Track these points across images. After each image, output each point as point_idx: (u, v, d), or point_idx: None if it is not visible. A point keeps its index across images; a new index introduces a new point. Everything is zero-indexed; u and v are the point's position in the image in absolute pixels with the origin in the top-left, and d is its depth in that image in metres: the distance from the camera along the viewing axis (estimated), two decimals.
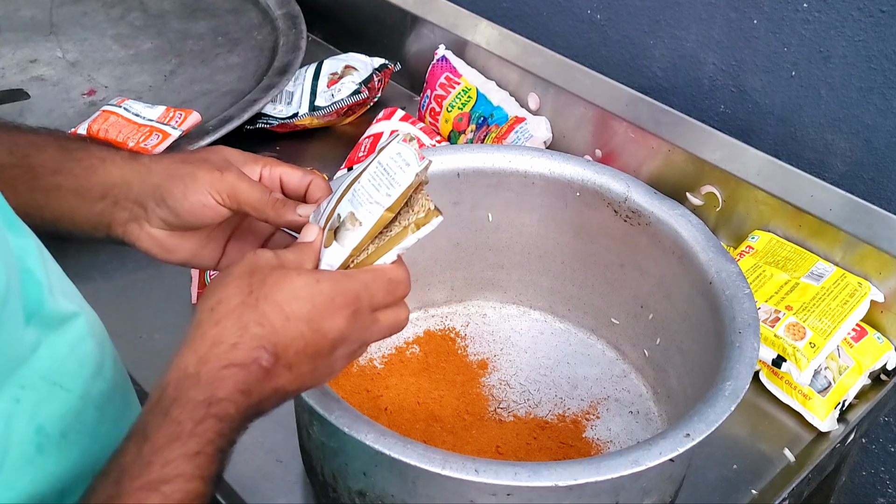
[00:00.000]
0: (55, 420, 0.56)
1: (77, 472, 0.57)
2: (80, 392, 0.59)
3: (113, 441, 0.61)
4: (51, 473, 0.55)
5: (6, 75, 1.31)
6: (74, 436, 0.58)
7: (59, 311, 0.60)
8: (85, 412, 0.59)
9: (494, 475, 0.59)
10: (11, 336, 0.53)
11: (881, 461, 1.12)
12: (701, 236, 0.81)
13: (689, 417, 0.63)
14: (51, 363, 0.57)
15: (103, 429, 0.61)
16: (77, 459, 0.57)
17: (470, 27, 1.25)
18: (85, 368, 0.61)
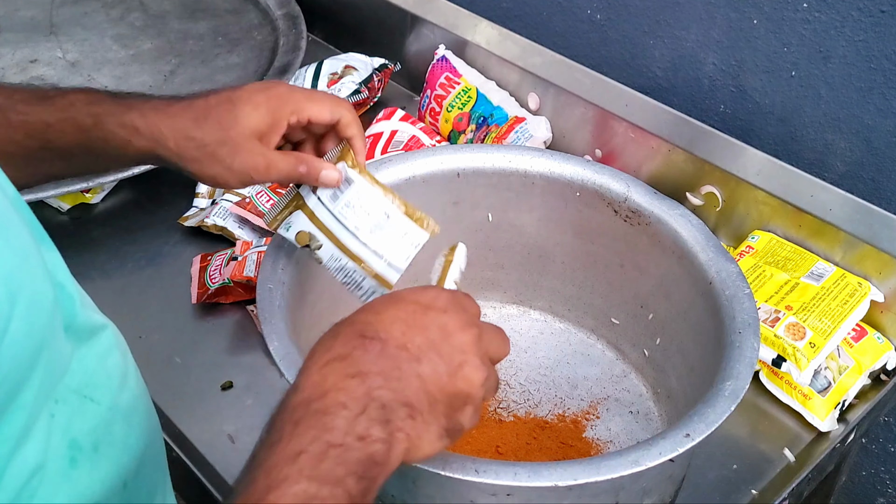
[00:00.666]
0: (87, 433, 0.56)
1: (109, 485, 0.57)
2: (108, 404, 0.59)
3: (141, 451, 0.61)
4: (85, 486, 0.55)
5: (6, 75, 1.31)
6: (105, 448, 0.58)
7: (89, 323, 0.61)
8: (114, 423, 0.59)
9: (494, 475, 0.59)
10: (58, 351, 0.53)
11: (881, 461, 1.12)
12: (701, 236, 0.81)
13: (689, 417, 0.63)
14: (81, 376, 0.57)
15: (131, 440, 0.62)
16: (108, 472, 0.57)
17: (470, 27, 1.25)
18: (112, 380, 0.61)
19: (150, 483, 0.65)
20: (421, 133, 1.17)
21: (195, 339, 0.96)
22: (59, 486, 0.52)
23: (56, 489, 0.52)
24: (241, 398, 0.90)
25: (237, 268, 0.97)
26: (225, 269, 0.99)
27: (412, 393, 0.53)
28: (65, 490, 0.53)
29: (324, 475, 0.48)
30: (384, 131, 1.17)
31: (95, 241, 1.09)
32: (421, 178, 0.89)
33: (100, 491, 0.56)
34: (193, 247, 1.08)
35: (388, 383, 0.52)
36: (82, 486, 0.55)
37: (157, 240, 1.10)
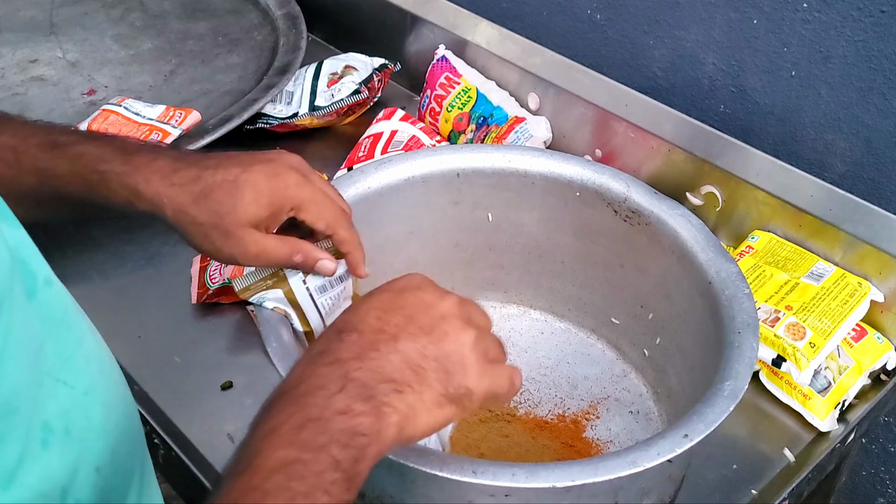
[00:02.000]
0: (59, 416, 0.56)
1: (81, 469, 0.57)
2: (83, 388, 0.59)
3: (116, 438, 0.62)
4: (56, 469, 0.55)
5: (6, 75, 1.31)
6: (78, 432, 0.58)
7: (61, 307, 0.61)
8: (88, 408, 0.60)
9: (492, 476, 0.59)
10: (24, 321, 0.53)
11: (881, 461, 1.12)
12: (701, 236, 0.81)
13: (688, 418, 0.63)
14: (55, 360, 0.57)
15: (107, 426, 0.62)
16: (80, 456, 0.58)
17: (470, 27, 1.25)
18: (90, 365, 0.61)
19: (126, 470, 0.65)
20: (421, 133, 1.17)
21: (195, 338, 0.96)
22: (31, 467, 0.52)
23: (28, 470, 0.52)
24: (241, 398, 0.90)
25: (237, 268, 0.97)
26: (225, 269, 0.99)
27: (393, 369, 0.54)
28: (36, 471, 0.53)
29: (304, 442, 0.50)
30: (384, 131, 1.17)
31: (95, 241, 1.09)
32: (421, 177, 0.89)
33: (71, 474, 0.57)
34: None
35: (365, 364, 0.53)
36: (53, 468, 0.55)
37: (156, 240, 1.09)
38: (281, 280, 0.75)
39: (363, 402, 0.52)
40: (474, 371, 0.57)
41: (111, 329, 0.95)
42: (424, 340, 0.56)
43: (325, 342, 0.56)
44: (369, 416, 0.52)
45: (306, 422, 0.50)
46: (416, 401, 0.54)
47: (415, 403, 0.54)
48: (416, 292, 0.58)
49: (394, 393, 0.53)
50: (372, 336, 0.55)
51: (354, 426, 0.51)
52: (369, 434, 0.51)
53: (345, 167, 1.16)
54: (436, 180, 0.89)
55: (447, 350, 0.56)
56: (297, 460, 0.49)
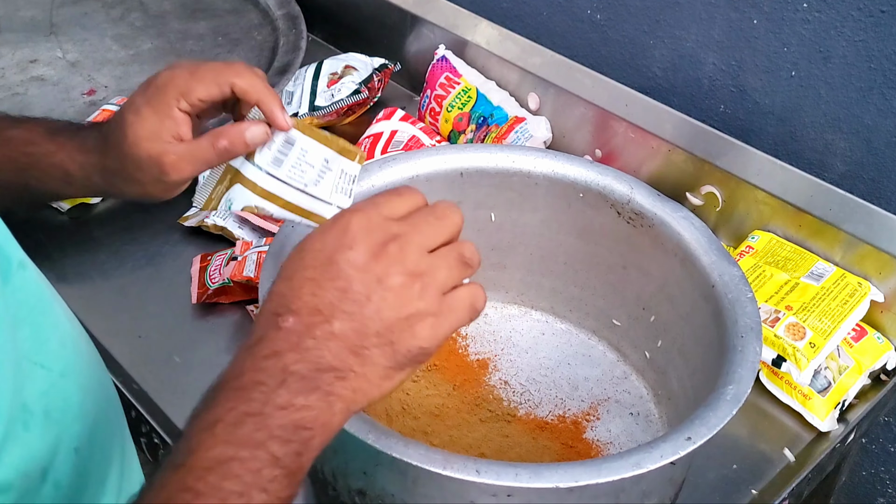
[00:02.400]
0: (37, 398, 0.57)
1: (60, 450, 0.58)
2: (60, 371, 0.60)
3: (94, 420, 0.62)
4: (37, 449, 0.56)
5: (6, 75, 1.31)
6: (56, 414, 0.58)
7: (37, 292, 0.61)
8: (66, 390, 0.60)
9: (495, 476, 0.59)
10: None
11: (881, 461, 1.12)
12: (704, 239, 0.81)
13: (691, 420, 0.63)
14: (32, 343, 0.58)
15: (84, 408, 0.62)
16: (59, 437, 0.58)
17: (470, 27, 1.25)
18: (65, 348, 0.62)
19: (105, 451, 0.65)
20: (421, 133, 1.17)
21: (195, 338, 0.96)
22: (12, 448, 0.53)
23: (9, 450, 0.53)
24: None
25: (237, 268, 0.97)
26: (225, 269, 0.99)
27: (333, 356, 0.52)
28: (17, 451, 0.54)
29: (241, 439, 0.48)
30: (384, 131, 1.17)
31: (95, 241, 1.09)
32: (424, 177, 0.89)
33: (50, 454, 0.57)
34: (193, 247, 1.08)
35: (303, 355, 0.51)
36: (34, 448, 0.55)
37: (157, 240, 1.09)
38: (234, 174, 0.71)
39: (305, 396, 0.50)
40: (425, 328, 0.53)
41: (111, 329, 0.96)
42: (361, 316, 0.52)
43: (263, 327, 0.53)
44: (313, 409, 0.50)
45: (244, 417, 0.49)
46: (361, 383, 0.52)
47: (360, 385, 0.52)
48: (347, 254, 0.53)
49: (337, 381, 0.51)
50: (308, 319, 0.52)
51: (297, 420, 0.49)
52: (314, 427, 0.50)
53: None
54: (439, 180, 0.89)
55: (388, 320, 0.52)
56: (232, 458, 0.48)
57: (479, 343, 0.95)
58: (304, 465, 0.50)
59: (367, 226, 0.54)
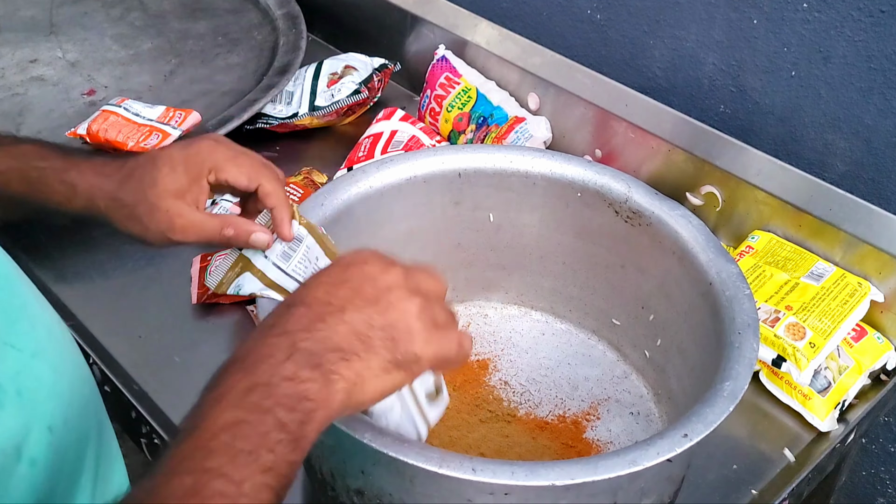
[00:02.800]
0: (10, 378, 0.59)
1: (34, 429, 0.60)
2: (31, 351, 0.62)
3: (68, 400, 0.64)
4: (9, 427, 0.58)
5: (6, 75, 1.31)
6: (29, 393, 0.60)
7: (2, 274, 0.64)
8: (38, 370, 0.62)
9: (492, 474, 0.59)
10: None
11: (881, 461, 1.12)
12: (701, 237, 0.81)
13: (688, 418, 0.63)
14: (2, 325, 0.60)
15: (58, 388, 0.64)
16: (33, 416, 0.60)
17: (470, 27, 1.25)
18: (36, 329, 0.64)
19: (80, 431, 0.67)
20: (421, 133, 1.17)
21: (195, 338, 0.96)
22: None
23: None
24: None
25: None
26: None
27: (340, 338, 0.55)
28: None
29: (250, 405, 0.51)
30: (384, 131, 1.17)
31: (95, 240, 1.09)
32: (422, 178, 0.89)
33: (24, 433, 0.59)
34: (193, 247, 1.08)
35: (312, 335, 0.55)
36: (8, 427, 0.58)
37: None
38: (245, 263, 0.76)
39: (310, 370, 0.53)
40: (421, 337, 0.58)
41: (111, 329, 0.96)
42: (370, 311, 0.57)
43: (274, 316, 0.57)
44: (316, 382, 0.53)
45: (253, 386, 0.52)
46: (363, 368, 0.56)
47: (362, 370, 0.56)
48: (363, 266, 0.59)
49: (341, 361, 0.55)
50: (319, 308, 0.56)
51: (301, 391, 0.53)
52: (316, 399, 0.53)
53: (345, 167, 1.16)
54: (437, 180, 0.89)
55: (393, 319, 0.57)
56: (242, 421, 0.51)
57: (479, 343, 0.95)
58: (308, 436, 0.53)
59: (377, 254, 0.61)
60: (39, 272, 1.04)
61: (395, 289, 0.59)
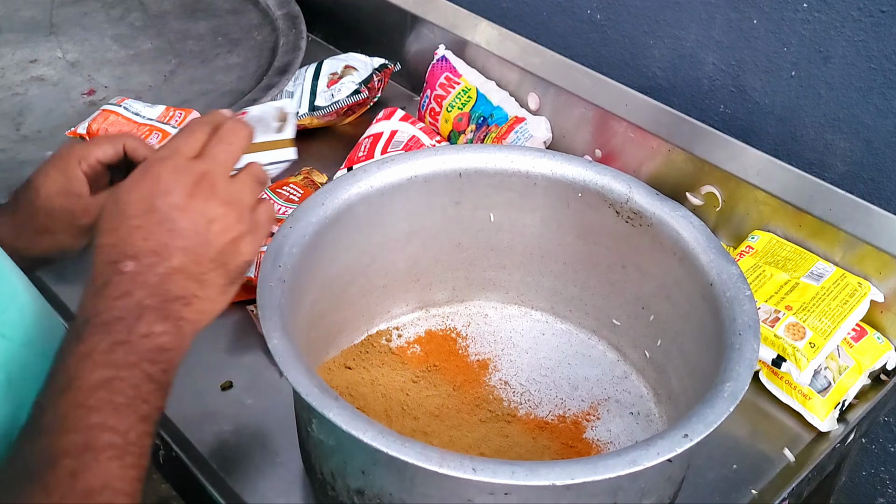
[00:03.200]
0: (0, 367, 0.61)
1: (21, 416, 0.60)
2: (21, 340, 0.64)
3: None
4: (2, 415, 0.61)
5: (6, 75, 1.31)
6: (19, 382, 0.62)
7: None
8: (27, 359, 0.64)
9: (492, 474, 0.59)
10: None
11: (881, 461, 1.12)
12: (702, 238, 0.81)
13: (688, 418, 0.63)
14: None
15: None
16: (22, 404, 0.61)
17: (470, 27, 1.25)
18: (25, 318, 0.66)
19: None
20: (421, 133, 1.17)
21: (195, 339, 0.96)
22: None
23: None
24: (241, 398, 0.90)
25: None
26: None
27: (178, 287, 0.59)
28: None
29: (117, 363, 0.55)
30: (384, 131, 1.17)
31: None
32: (423, 177, 0.89)
33: (12, 421, 0.60)
34: None
35: (151, 291, 0.58)
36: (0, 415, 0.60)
37: None
38: None
39: (162, 323, 0.58)
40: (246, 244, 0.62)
41: None
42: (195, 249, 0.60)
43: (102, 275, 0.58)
44: (169, 334, 0.58)
45: (115, 346, 0.56)
46: (204, 304, 0.61)
47: (203, 306, 0.61)
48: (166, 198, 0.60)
49: (184, 308, 0.59)
50: (146, 260, 0.58)
51: (159, 345, 0.57)
52: (172, 348, 0.58)
53: (345, 167, 1.16)
54: (438, 180, 0.89)
55: (218, 246, 0.61)
56: (114, 377, 0.54)
57: (479, 343, 0.95)
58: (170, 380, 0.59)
59: (175, 171, 0.61)
60: (39, 272, 1.04)
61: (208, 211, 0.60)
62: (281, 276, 0.76)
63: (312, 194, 0.84)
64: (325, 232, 0.82)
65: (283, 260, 0.77)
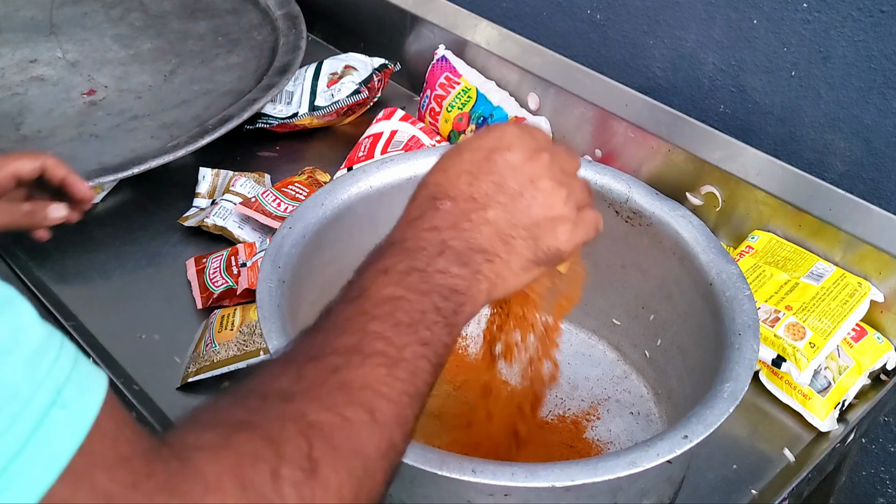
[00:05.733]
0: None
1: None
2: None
3: None
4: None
5: (6, 75, 1.31)
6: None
7: None
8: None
9: (492, 475, 0.59)
10: None
11: (881, 461, 1.12)
12: (702, 237, 0.81)
13: (688, 419, 0.63)
14: None
15: None
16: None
17: (470, 27, 1.25)
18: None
19: None
20: (421, 133, 1.17)
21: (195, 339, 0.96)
22: None
23: None
24: None
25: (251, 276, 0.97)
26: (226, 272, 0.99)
27: (484, 239, 0.57)
28: None
29: (410, 285, 0.54)
30: (384, 131, 1.17)
31: (95, 241, 1.09)
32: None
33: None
34: (193, 247, 1.08)
35: (459, 234, 0.57)
36: None
37: (157, 240, 1.10)
38: None
39: (459, 267, 0.56)
40: (564, 232, 0.60)
41: (111, 329, 0.96)
42: (513, 208, 0.58)
43: (419, 208, 0.59)
44: (465, 279, 0.56)
45: (412, 270, 0.54)
46: (504, 269, 0.58)
47: (503, 271, 0.58)
48: (505, 154, 0.59)
49: (485, 262, 0.57)
50: (464, 205, 0.58)
51: (453, 284, 0.55)
52: (465, 293, 0.56)
53: (345, 167, 1.16)
54: None
55: (536, 217, 0.59)
56: (403, 297, 0.53)
57: (479, 343, 0.95)
58: (459, 324, 0.56)
59: (521, 135, 0.61)
60: (39, 272, 1.04)
61: (538, 180, 0.59)
62: (281, 276, 0.76)
63: (312, 194, 0.84)
64: (325, 232, 0.82)
65: (283, 260, 0.77)
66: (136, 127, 1.21)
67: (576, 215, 0.61)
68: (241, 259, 1.00)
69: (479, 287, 0.57)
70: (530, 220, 0.59)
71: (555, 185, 0.60)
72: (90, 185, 0.93)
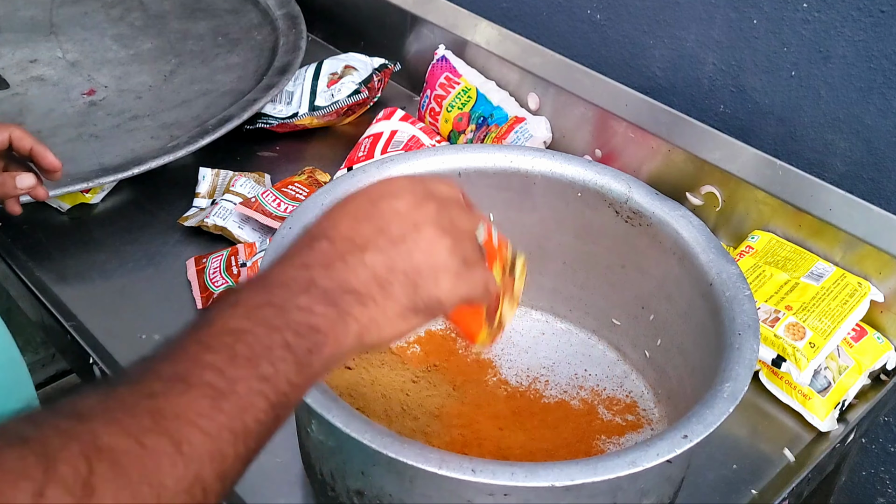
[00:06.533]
0: None
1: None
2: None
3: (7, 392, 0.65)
4: None
5: (6, 75, 1.31)
6: None
7: None
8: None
9: (491, 475, 0.59)
10: None
11: (881, 461, 1.12)
12: (702, 237, 0.81)
13: (687, 419, 0.63)
14: None
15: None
16: None
17: (470, 27, 1.25)
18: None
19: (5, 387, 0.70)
20: (421, 133, 1.17)
21: None
22: None
23: None
24: None
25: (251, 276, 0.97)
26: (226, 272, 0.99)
27: (358, 282, 0.54)
28: None
29: (259, 319, 0.50)
30: (384, 131, 1.17)
31: (95, 241, 1.09)
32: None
33: None
34: (193, 247, 1.08)
35: (330, 274, 0.54)
36: None
37: (157, 240, 1.10)
38: None
39: (325, 307, 0.53)
40: (446, 281, 0.57)
41: (111, 329, 0.96)
42: (394, 253, 0.56)
43: (297, 247, 0.56)
44: (328, 318, 0.52)
45: (267, 304, 0.51)
46: (378, 314, 0.55)
47: (377, 316, 0.55)
48: (391, 201, 0.58)
49: (357, 304, 0.54)
50: (341, 246, 0.55)
51: (312, 322, 0.52)
52: (327, 333, 0.52)
53: (345, 167, 1.16)
54: None
55: (417, 262, 0.56)
56: (248, 331, 0.49)
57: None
58: (314, 365, 0.52)
59: (412, 185, 0.59)
60: (39, 272, 1.04)
61: (423, 227, 0.57)
62: None
63: (312, 194, 0.84)
64: None
65: None
66: (136, 127, 1.21)
67: (462, 268, 0.58)
68: (242, 259, 1.00)
69: (346, 329, 0.53)
70: (410, 266, 0.56)
71: (440, 233, 0.57)
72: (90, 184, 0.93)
